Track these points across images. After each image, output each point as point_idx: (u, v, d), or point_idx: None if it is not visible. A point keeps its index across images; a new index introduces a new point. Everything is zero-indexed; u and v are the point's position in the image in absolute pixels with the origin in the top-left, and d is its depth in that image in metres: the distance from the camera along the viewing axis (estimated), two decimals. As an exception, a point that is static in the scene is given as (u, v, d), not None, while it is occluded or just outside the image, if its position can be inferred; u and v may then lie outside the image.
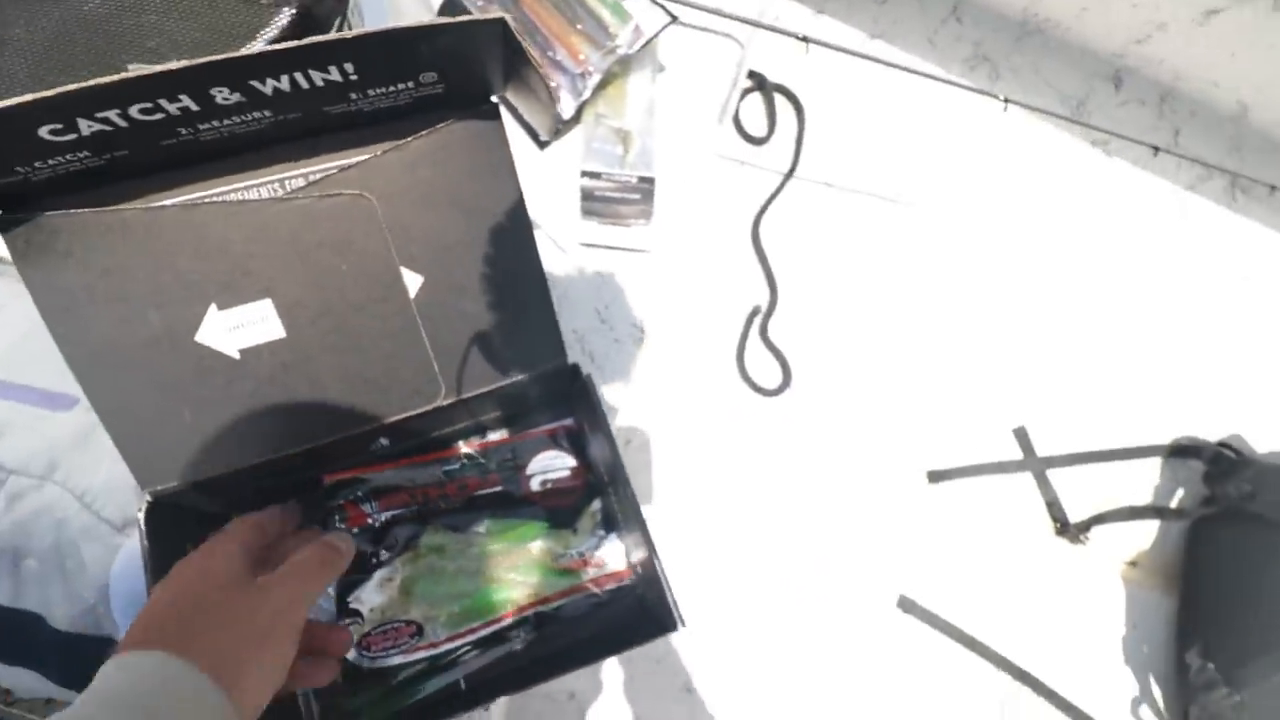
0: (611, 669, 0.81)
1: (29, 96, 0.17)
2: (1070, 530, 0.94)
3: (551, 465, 0.51)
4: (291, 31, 0.39)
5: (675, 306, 0.90)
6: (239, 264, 0.38)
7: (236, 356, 0.39)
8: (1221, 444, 0.94)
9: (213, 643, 0.29)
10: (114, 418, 0.38)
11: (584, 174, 0.60)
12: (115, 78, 0.17)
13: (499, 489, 0.49)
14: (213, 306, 0.38)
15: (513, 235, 0.41)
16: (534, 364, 0.43)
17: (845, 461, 0.91)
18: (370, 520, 0.46)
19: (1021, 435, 0.96)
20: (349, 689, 0.44)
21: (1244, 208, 1.03)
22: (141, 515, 0.38)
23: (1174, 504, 0.97)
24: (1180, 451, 0.97)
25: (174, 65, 0.17)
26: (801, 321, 0.93)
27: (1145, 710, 0.91)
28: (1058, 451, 0.95)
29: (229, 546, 0.34)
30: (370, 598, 0.44)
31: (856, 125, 0.95)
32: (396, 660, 0.43)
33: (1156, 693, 0.92)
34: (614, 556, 0.51)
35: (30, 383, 0.56)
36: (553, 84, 0.60)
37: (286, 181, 0.37)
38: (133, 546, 0.54)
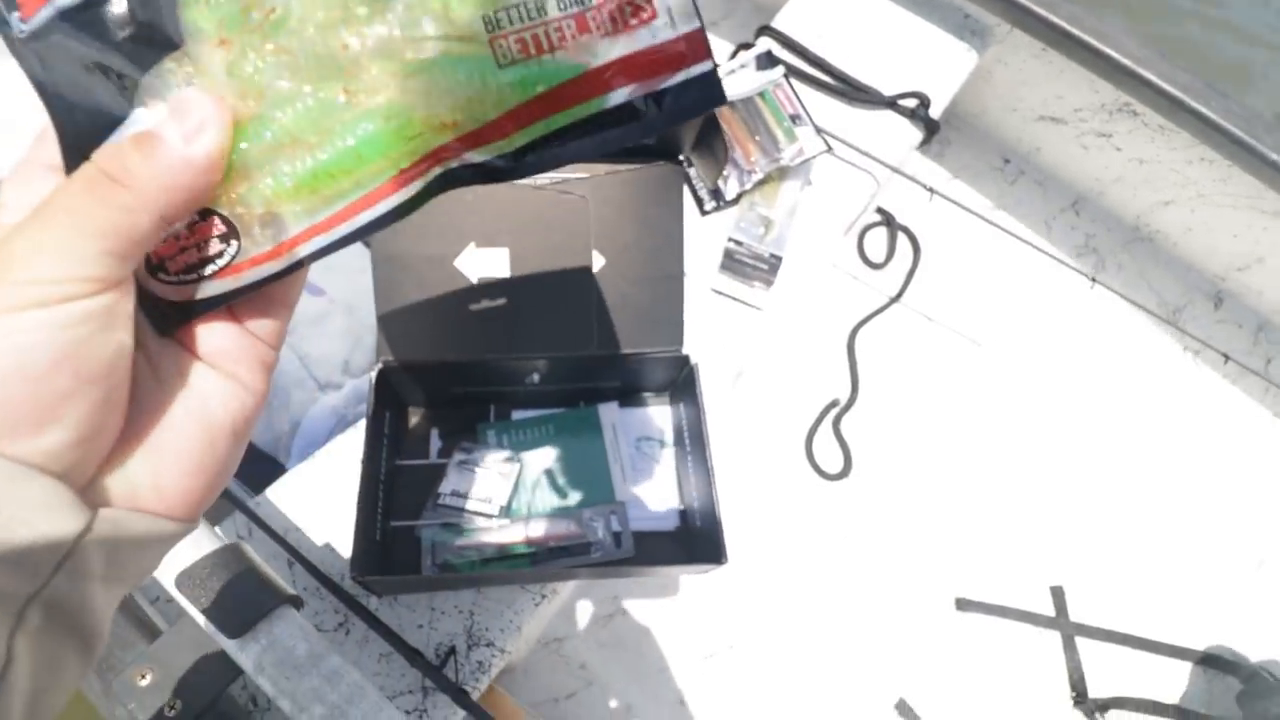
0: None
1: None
2: (1088, 704, 0.95)
3: None
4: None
5: (770, 366, 1.04)
6: (494, 221, 0.57)
7: (474, 281, 0.57)
8: (1261, 666, 0.94)
9: None
10: (385, 301, 0.56)
11: (730, 240, 0.77)
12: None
13: None
14: (471, 244, 0.57)
15: (668, 251, 0.58)
16: (661, 344, 0.59)
17: (880, 561, 0.99)
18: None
19: (1058, 594, 1.00)
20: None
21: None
22: (374, 375, 0.55)
23: (1201, 710, 0.96)
24: (1215, 663, 0.97)
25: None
26: (872, 424, 1.04)
27: None
28: (1091, 621, 0.98)
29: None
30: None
31: (961, 271, 1.09)
32: (211, 289, 0.21)
33: None
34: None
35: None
36: (725, 171, 0.79)
37: (537, 177, 0.56)
38: (327, 401, 0.72)
